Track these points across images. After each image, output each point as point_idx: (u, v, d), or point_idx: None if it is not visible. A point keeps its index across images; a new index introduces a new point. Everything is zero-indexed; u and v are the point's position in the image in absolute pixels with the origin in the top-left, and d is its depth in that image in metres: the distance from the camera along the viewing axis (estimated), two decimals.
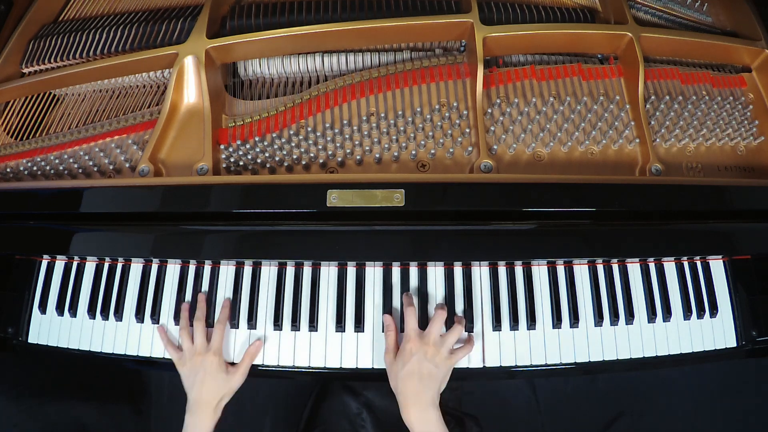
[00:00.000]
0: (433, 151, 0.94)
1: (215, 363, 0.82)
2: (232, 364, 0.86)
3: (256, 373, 0.87)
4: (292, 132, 0.97)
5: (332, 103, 0.99)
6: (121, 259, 0.92)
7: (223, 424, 0.95)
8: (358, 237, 0.87)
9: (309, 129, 0.96)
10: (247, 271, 0.91)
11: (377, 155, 0.95)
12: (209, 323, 0.88)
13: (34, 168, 0.99)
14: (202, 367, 0.82)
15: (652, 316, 0.88)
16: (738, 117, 1.01)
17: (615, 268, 0.91)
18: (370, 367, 0.86)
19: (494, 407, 0.96)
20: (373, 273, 0.90)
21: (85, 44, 1.05)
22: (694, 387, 0.97)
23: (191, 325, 0.87)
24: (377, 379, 0.86)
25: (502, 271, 0.90)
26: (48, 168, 0.98)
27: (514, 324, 0.87)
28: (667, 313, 0.89)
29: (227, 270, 0.91)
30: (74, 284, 0.93)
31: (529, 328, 0.87)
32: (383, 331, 0.86)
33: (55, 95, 1.08)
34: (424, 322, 0.86)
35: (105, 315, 0.90)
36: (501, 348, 0.87)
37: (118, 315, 0.90)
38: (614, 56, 1.05)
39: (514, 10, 1.04)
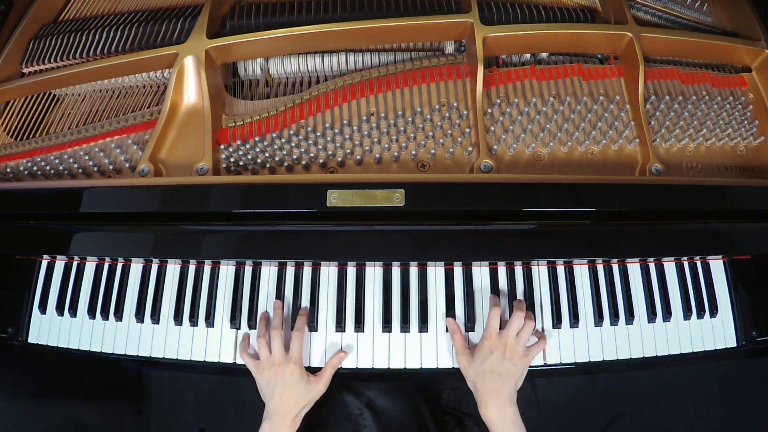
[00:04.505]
0: (433, 151, 0.94)
1: (296, 373, 0.80)
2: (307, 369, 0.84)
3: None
4: (292, 132, 0.97)
5: (332, 103, 0.99)
6: (121, 259, 0.92)
7: (224, 424, 0.95)
8: (358, 237, 0.86)
9: (309, 129, 0.96)
10: (248, 271, 0.91)
11: (377, 155, 0.95)
12: (209, 322, 0.88)
13: (34, 168, 0.98)
14: (281, 378, 0.80)
15: (652, 316, 0.88)
16: (738, 117, 1.01)
17: (615, 268, 0.91)
18: (371, 366, 0.86)
19: None
20: (373, 273, 0.90)
21: (85, 44, 1.05)
22: (694, 387, 0.97)
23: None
24: (378, 378, 0.86)
25: (502, 271, 0.90)
26: (48, 168, 0.98)
27: None
28: (667, 313, 0.89)
29: (227, 270, 0.91)
30: (74, 284, 0.93)
31: None
32: (383, 331, 0.86)
33: (55, 95, 1.08)
34: (425, 320, 0.87)
35: (105, 315, 0.90)
36: None
37: (118, 315, 0.90)
38: (614, 56, 1.05)
39: (514, 10, 1.04)
